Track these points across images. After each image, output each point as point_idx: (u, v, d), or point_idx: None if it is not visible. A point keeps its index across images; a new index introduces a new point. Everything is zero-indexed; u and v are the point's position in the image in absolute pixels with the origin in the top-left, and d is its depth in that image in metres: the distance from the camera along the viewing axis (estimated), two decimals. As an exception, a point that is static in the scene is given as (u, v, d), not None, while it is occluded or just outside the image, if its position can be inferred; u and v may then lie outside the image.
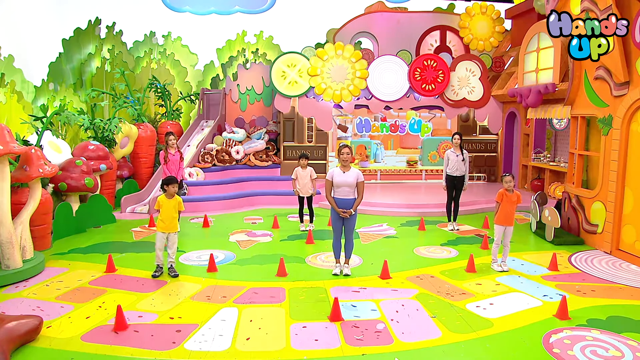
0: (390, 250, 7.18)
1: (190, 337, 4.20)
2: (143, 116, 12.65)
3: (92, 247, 7.27)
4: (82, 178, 8.23)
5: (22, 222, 6.05)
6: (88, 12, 15.18)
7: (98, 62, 15.19)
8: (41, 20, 15.07)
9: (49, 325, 4.38)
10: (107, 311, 4.76)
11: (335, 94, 11.74)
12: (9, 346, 3.79)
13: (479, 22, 13.63)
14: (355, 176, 5.64)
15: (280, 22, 16.90)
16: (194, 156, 11.85)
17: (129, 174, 11.35)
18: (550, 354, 3.94)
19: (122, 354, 3.90)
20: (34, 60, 13.83)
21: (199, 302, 5.05)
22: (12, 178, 5.94)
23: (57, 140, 9.08)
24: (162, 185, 5.89)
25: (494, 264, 6.28)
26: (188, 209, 9.69)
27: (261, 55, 16.34)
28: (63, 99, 13.83)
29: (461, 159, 8.21)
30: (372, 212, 9.79)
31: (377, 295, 5.26)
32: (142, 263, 6.35)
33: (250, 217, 9.59)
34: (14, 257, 5.69)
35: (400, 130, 13.41)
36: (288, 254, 6.82)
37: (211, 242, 7.60)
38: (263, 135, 12.87)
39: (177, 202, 5.86)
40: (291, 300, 5.11)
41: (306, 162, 8.30)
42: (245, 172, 11.99)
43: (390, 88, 12.10)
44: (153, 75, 14.63)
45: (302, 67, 11.72)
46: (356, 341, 4.15)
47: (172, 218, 5.82)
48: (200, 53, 16.32)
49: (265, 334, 4.30)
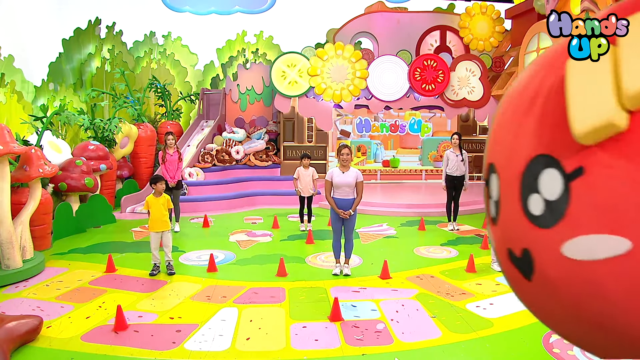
0: (390, 250, 7.18)
1: (190, 337, 4.20)
2: (143, 116, 12.65)
3: (92, 247, 7.27)
4: (82, 178, 8.23)
5: (22, 222, 6.05)
6: (88, 12, 15.18)
7: (98, 62, 15.19)
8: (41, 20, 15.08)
9: (49, 325, 4.38)
10: (107, 311, 4.76)
11: (335, 94, 11.74)
12: (9, 346, 3.79)
13: (479, 22, 13.63)
14: (355, 176, 5.64)
15: (280, 22, 16.91)
16: (194, 156, 11.86)
17: (129, 174, 11.35)
18: (550, 354, 3.94)
19: (122, 354, 3.90)
20: (34, 60, 13.83)
21: (199, 302, 5.05)
22: (12, 178, 5.94)
23: (57, 140, 9.08)
24: (151, 183, 6.00)
25: (494, 264, 6.27)
26: (188, 209, 9.71)
27: (261, 55, 16.35)
28: (63, 99, 13.83)
29: (460, 159, 8.21)
30: (372, 212, 9.79)
31: (377, 295, 5.26)
32: (142, 263, 6.35)
33: (250, 217, 9.59)
34: (14, 257, 5.69)
35: (400, 130, 13.42)
36: (288, 254, 6.82)
37: (211, 242, 7.60)
38: (263, 135, 12.87)
39: (165, 199, 5.92)
40: (291, 300, 5.11)
41: (308, 162, 8.30)
42: (245, 172, 12.00)
43: (390, 88, 12.10)
44: (153, 75, 14.63)
45: (302, 67, 11.72)
46: (356, 341, 4.15)
47: (163, 216, 5.84)
48: (200, 53, 16.33)
49: (265, 334, 4.30)
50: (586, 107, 0.96)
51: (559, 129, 1.06)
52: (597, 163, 1.00)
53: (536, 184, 1.11)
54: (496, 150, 1.32)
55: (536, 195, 1.12)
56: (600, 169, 1.00)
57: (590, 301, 1.07)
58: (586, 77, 0.98)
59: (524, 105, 1.21)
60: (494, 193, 1.32)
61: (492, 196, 1.34)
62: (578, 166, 1.02)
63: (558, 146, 1.07)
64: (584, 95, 0.97)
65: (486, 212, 1.45)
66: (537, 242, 1.14)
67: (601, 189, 0.99)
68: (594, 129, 0.96)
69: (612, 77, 0.95)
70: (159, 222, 5.83)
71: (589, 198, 1.01)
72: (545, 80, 1.16)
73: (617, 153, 0.97)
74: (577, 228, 1.04)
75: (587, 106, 0.96)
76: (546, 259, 1.12)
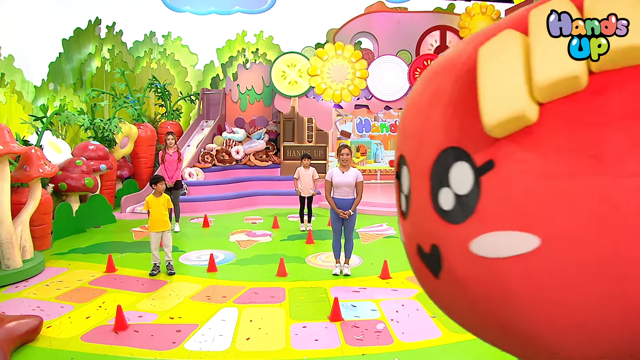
0: (390, 250, 7.18)
1: (190, 337, 4.20)
2: (143, 116, 12.65)
3: (92, 247, 7.27)
4: (82, 178, 8.23)
5: (22, 222, 6.05)
6: (88, 12, 15.19)
7: (98, 62, 15.20)
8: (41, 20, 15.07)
9: (49, 325, 4.38)
10: (107, 311, 4.75)
11: (335, 94, 11.74)
12: (9, 346, 3.79)
13: (479, 22, 13.63)
14: (355, 176, 5.64)
15: (280, 22, 16.91)
16: (194, 156, 11.86)
17: (129, 174, 11.35)
18: (550, 354, 3.94)
19: (122, 354, 3.90)
20: (34, 60, 13.83)
21: (199, 302, 5.05)
22: (12, 178, 5.94)
23: (57, 140, 9.09)
24: (151, 183, 6.00)
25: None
26: (188, 209, 9.71)
27: (261, 55, 16.35)
28: (63, 99, 13.84)
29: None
30: (372, 212, 9.79)
31: (377, 295, 5.26)
32: (142, 263, 6.34)
33: (250, 217, 9.59)
34: (14, 257, 5.69)
35: (400, 130, 13.41)
36: (288, 254, 6.82)
37: (211, 242, 7.60)
38: (263, 135, 12.87)
39: (165, 199, 5.92)
40: (291, 300, 5.11)
41: (309, 162, 8.31)
42: (245, 172, 12.00)
43: (390, 88, 12.11)
44: (153, 75, 14.63)
45: (302, 67, 11.72)
46: (356, 341, 4.15)
47: (163, 215, 5.84)
48: (200, 53, 16.33)
49: (265, 334, 4.30)
50: (497, 98, 0.93)
51: (469, 120, 1.02)
52: (507, 156, 0.96)
53: (446, 177, 1.07)
54: (406, 143, 1.26)
55: (447, 190, 1.07)
56: (509, 163, 0.96)
57: (495, 301, 1.03)
58: (497, 68, 0.95)
59: (434, 96, 1.16)
60: (405, 187, 1.27)
61: (403, 190, 1.28)
62: (488, 159, 0.99)
63: (468, 138, 1.03)
64: (495, 86, 0.94)
65: (397, 206, 1.39)
66: (446, 238, 1.09)
67: (511, 183, 0.96)
68: (505, 120, 0.92)
69: (524, 68, 0.92)
70: (159, 222, 5.83)
71: (498, 193, 0.97)
72: (454, 71, 1.12)
73: (527, 146, 0.94)
74: (486, 224, 0.99)
75: (498, 97, 0.93)
76: (454, 256, 1.08)
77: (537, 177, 0.93)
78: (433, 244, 1.13)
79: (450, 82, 1.11)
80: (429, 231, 1.15)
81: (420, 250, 1.20)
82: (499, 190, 0.97)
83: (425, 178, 1.13)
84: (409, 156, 1.24)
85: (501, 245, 0.98)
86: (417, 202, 1.19)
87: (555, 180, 0.91)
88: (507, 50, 0.95)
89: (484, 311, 1.08)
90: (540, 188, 0.93)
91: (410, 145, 1.23)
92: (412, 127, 1.24)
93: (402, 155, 1.29)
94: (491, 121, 0.94)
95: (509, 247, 0.97)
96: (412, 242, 1.25)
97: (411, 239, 1.26)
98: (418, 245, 1.21)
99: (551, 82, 0.89)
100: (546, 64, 0.90)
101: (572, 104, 0.91)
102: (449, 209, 1.07)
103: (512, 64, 0.93)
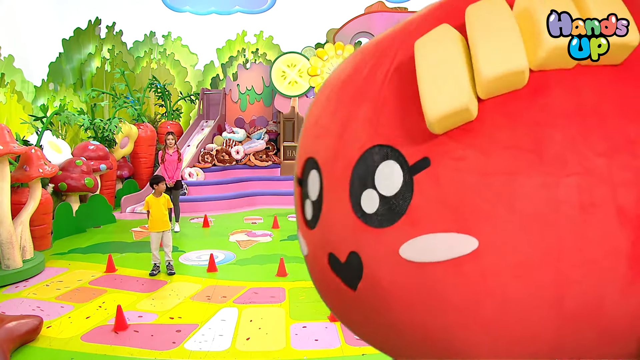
0: (390, 250, 7.18)
1: (190, 337, 4.20)
2: (143, 116, 12.66)
3: (92, 247, 7.27)
4: (82, 178, 8.23)
5: (22, 222, 6.05)
6: (88, 12, 15.20)
7: (98, 62, 15.21)
8: (41, 20, 15.08)
9: (49, 325, 4.38)
10: (107, 311, 4.75)
11: (335, 94, 11.71)
12: (9, 346, 3.79)
13: (479, 22, 13.62)
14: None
15: (280, 22, 16.91)
16: (194, 156, 11.86)
17: (129, 174, 11.35)
18: (550, 354, 3.94)
19: (122, 354, 3.90)
20: (34, 60, 13.84)
21: (199, 302, 5.05)
22: (12, 178, 5.94)
23: (57, 140, 9.09)
24: (151, 184, 6.00)
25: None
26: (188, 209, 9.71)
27: (261, 55, 16.36)
28: (63, 99, 13.85)
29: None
30: (372, 212, 9.77)
31: (377, 295, 5.25)
32: (142, 263, 6.34)
33: (250, 217, 9.59)
34: (14, 257, 5.69)
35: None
36: (288, 254, 6.81)
37: (211, 242, 7.60)
38: (263, 135, 12.87)
39: (165, 199, 5.92)
40: (291, 300, 5.11)
41: (308, 162, 8.30)
42: (245, 172, 11.99)
43: (390, 88, 12.08)
44: (153, 75, 14.63)
45: (302, 67, 11.72)
46: (356, 341, 4.15)
47: (163, 216, 5.84)
48: (200, 53, 16.34)
49: (265, 334, 4.30)
50: (441, 92, 0.87)
51: (400, 117, 0.95)
52: (445, 154, 0.89)
53: (371, 178, 0.98)
54: (318, 143, 1.14)
55: (370, 191, 0.98)
56: (447, 161, 0.89)
57: (423, 309, 0.95)
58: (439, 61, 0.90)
59: (355, 93, 1.08)
60: (313, 192, 1.15)
61: (310, 196, 1.16)
62: (422, 157, 0.91)
63: (400, 136, 0.95)
64: (438, 79, 0.88)
65: (297, 215, 1.26)
66: (368, 244, 0.99)
67: (448, 182, 0.89)
68: (448, 114, 0.86)
69: (466, 62, 0.88)
70: (159, 222, 5.83)
71: (434, 192, 0.90)
72: (379, 66, 1.04)
73: (465, 143, 0.88)
74: (418, 226, 0.91)
75: (441, 90, 0.87)
76: (378, 263, 0.98)
77: (476, 175, 0.87)
78: (352, 251, 1.03)
79: (379, 75, 1.03)
80: (346, 238, 1.04)
81: (334, 260, 1.09)
82: (434, 190, 0.90)
83: (344, 180, 1.03)
84: (321, 158, 1.12)
85: (435, 248, 0.90)
86: (332, 207, 1.08)
87: (495, 179, 0.86)
88: (446, 45, 0.91)
89: (408, 324, 0.99)
90: (479, 186, 0.87)
91: (325, 146, 1.11)
92: (329, 125, 1.12)
93: (311, 157, 1.16)
94: (434, 114, 0.87)
95: (444, 250, 0.89)
96: (322, 252, 1.13)
97: (320, 249, 1.14)
98: (330, 255, 1.09)
99: (496, 77, 0.85)
100: (492, 58, 0.85)
101: (513, 101, 0.88)
102: (373, 212, 0.98)
103: (454, 58, 0.89)
